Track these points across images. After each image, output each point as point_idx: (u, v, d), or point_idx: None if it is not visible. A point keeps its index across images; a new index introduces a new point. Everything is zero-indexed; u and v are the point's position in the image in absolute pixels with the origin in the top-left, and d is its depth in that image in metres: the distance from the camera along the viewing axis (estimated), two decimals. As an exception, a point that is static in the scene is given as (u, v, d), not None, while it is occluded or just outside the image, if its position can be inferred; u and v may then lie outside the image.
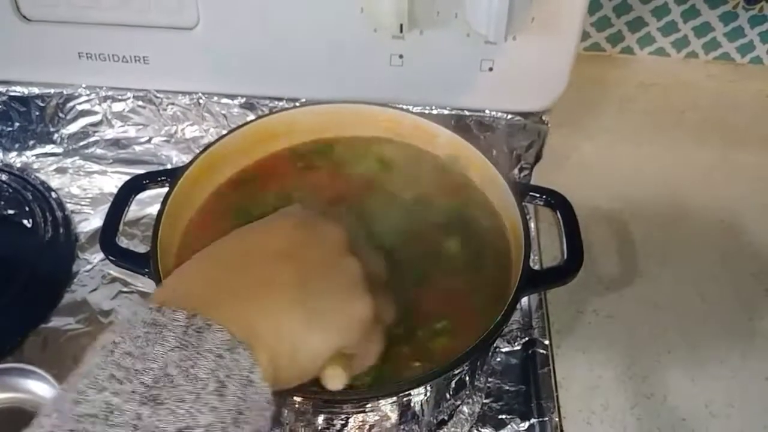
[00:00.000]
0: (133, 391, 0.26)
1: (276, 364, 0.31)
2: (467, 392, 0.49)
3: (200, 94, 0.62)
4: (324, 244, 0.36)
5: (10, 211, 0.61)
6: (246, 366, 0.29)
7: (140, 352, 0.28)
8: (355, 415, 0.42)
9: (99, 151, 0.67)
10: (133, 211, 0.50)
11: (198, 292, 0.32)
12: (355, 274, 0.35)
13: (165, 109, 0.64)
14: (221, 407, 0.27)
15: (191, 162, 0.49)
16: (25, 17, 0.58)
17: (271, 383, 0.31)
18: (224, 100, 0.62)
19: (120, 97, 0.63)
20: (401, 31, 0.52)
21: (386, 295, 0.39)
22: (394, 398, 0.41)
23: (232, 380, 0.28)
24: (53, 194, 0.64)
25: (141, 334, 0.28)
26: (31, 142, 0.67)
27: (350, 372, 0.35)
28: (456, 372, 0.42)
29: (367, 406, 0.41)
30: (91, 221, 0.63)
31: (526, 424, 0.50)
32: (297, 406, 0.41)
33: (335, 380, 0.35)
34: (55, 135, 0.66)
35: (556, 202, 0.48)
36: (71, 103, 0.64)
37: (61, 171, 0.67)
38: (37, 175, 0.66)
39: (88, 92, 0.63)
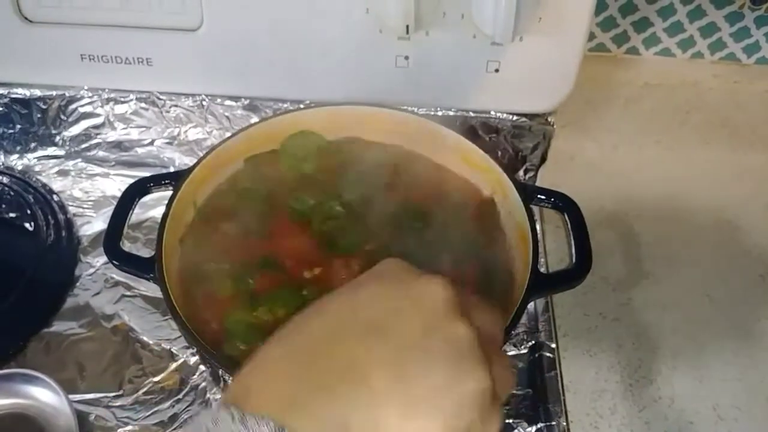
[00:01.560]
0: None
1: None
2: (474, 396, 0.48)
3: (203, 96, 0.62)
4: (423, 307, 0.30)
5: (12, 215, 0.61)
6: None
7: None
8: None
9: (101, 153, 0.67)
10: (136, 213, 0.50)
11: (282, 391, 0.28)
12: (464, 342, 0.29)
13: (168, 111, 0.63)
14: None
15: (195, 165, 0.49)
16: (26, 19, 0.58)
17: None
18: (227, 102, 0.62)
19: (122, 99, 0.63)
20: (407, 32, 0.52)
21: (502, 360, 0.32)
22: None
23: None
24: (55, 197, 0.63)
25: None
26: (33, 145, 0.67)
27: None
28: (464, 377, 0.42)
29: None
30: (93, 224, 0.62)
31: (534, 429, 0.50)
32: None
33: None
34: (57, 137, 0.66)
35: (564, 204, 0.48)
36: (73, 105, 0.63)
37: (63, 174, 0.66)
38: (39, 177, 0.65)
39: (90, 94, 0.63)
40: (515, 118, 0.60)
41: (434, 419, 0.28)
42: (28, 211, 0.60)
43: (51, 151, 0.67)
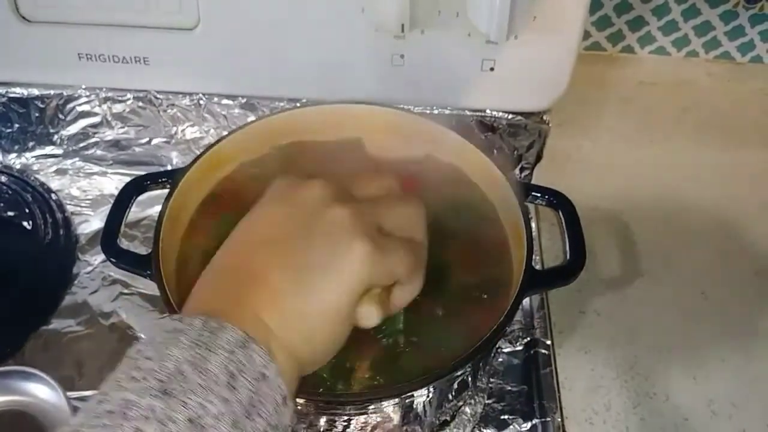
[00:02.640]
0: (148, 387, 0.28)
1: (297, 354, 0.33)
2: (469, 393, 0.49)
3: (200, 95, 0.62)
4: (305, 205, 0.36)
5: (10, 213, 0.61)
6: (260, 362, 0.30)
7: (158, 355, 0.29)
8: (357, 417, 0.42)
9: (99, 152, 0.67)
10: (134, 212, 0.50)
11: (209, 304, 0.34)
12: (342, 220, 0.35)
13: (165, 110, 0.63)
14: (232, 399, 0.29)
15: (192, 163, 0.49)
16: (24, 18, 0.58)
17: (293, 372, 0.33)
18: (225, 101, 0.62)
19: (120, 98, 0.63)
20: (402, 30, 0.52)
21: (405, 210, 0.38)
22: (397, 399, 0.41)
23: (244, 374, 0.30)
24: (53, 196, 0.64)
25: (161, 340, 0.30)
26: (31, 144, 0.67)
27: (386, 308, 0.36)
28: (459, 373, 0.42)
29: (370, 407, 0.41)
30: (91, 223, 0.62)
31: (529, 425, 0.50)
32: (299, 407, 0.40)
33: (366, 319, 0.35)
34: (55, 136, 0.66)
35: (559, 202, 0.48)
36: (71, 105, 0.64)
37: (61, 172, 0.66)
38: (37, 176, 0.66)
39: (87, 93, 0.63)
40: (511, 116, 0.60)
41: (327, 286, 0.33)
42: (27, 210, 0.61)
43: (49, 149, 0.67)
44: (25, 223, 0.60)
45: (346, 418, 0.41)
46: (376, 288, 0.36)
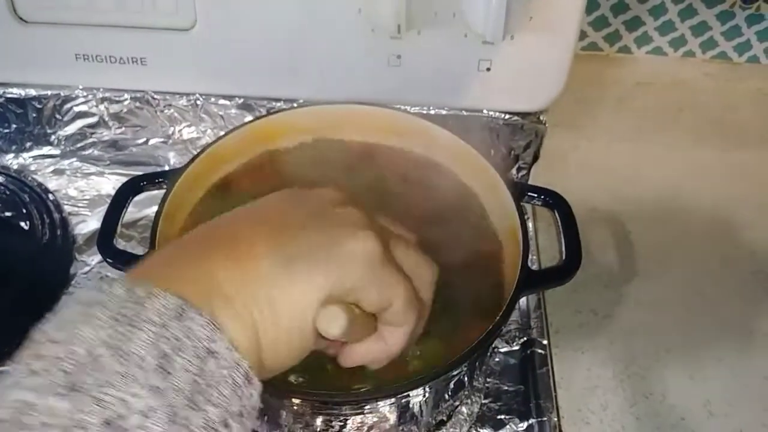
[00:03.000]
0: (51, 383, 0.22)
1: (257, 329, 0.27)
2: (466, 393, 0.49)
3: (197, 96, 0.62)
4: (312, 203, 0.31)
5: (8, 213, 0.61)
6: (203, 335, 0.24)
7: (67, 337, 0.23)
8: (353, 417, 0.42)
9: (96, 152, 0.67)
10: (131, 212, 0.50)
11: (157, 267, 0.28)
12: (350, 218, 0.30)
13: (162, 111, 0.63)
14: (166, 386, 0.23)
15: (189, 163, 0.49)
16: (22, 19, 0.58)
17: (252, 354, 0.26)
18: (222, 101, 0.62)
19: (117, 99, 0.63)
20: (399, 31, 0.52)
21: (413, 257, 0.33)
22: (393, 399, 0.41)
23: (181, 353, 0.24)
24: (50, 196, 0.64)
25: (72, 317, 0.24)
26: (28, 144, 0.67)
27: (355, 321, 0.30)
28: (455, 372, 0.42)
29: (366, 407, 0.41)
30: (88, 223, 0.62)
31: (525, 425, 0.50)
32: (295, 407, 0.41)
33: (330, 320, 0.28)
34: (53, 137, 0.66)
35: (554, 202, 0.48)
36: (68, 105, 0.64)
37: (58, 173, 0.66)
38: (35, 176, 0.66)
39: (85, 94, 0.63)
40: (507, 116, 0.60)
41: (315, 271, 0.28)
42: (24, 210, 0.61)
43: (46, 150, 0.67)
44: (22, 224, 0.60)
45: (342, 418, 0.42)
46: (357, 308, 0.30)
